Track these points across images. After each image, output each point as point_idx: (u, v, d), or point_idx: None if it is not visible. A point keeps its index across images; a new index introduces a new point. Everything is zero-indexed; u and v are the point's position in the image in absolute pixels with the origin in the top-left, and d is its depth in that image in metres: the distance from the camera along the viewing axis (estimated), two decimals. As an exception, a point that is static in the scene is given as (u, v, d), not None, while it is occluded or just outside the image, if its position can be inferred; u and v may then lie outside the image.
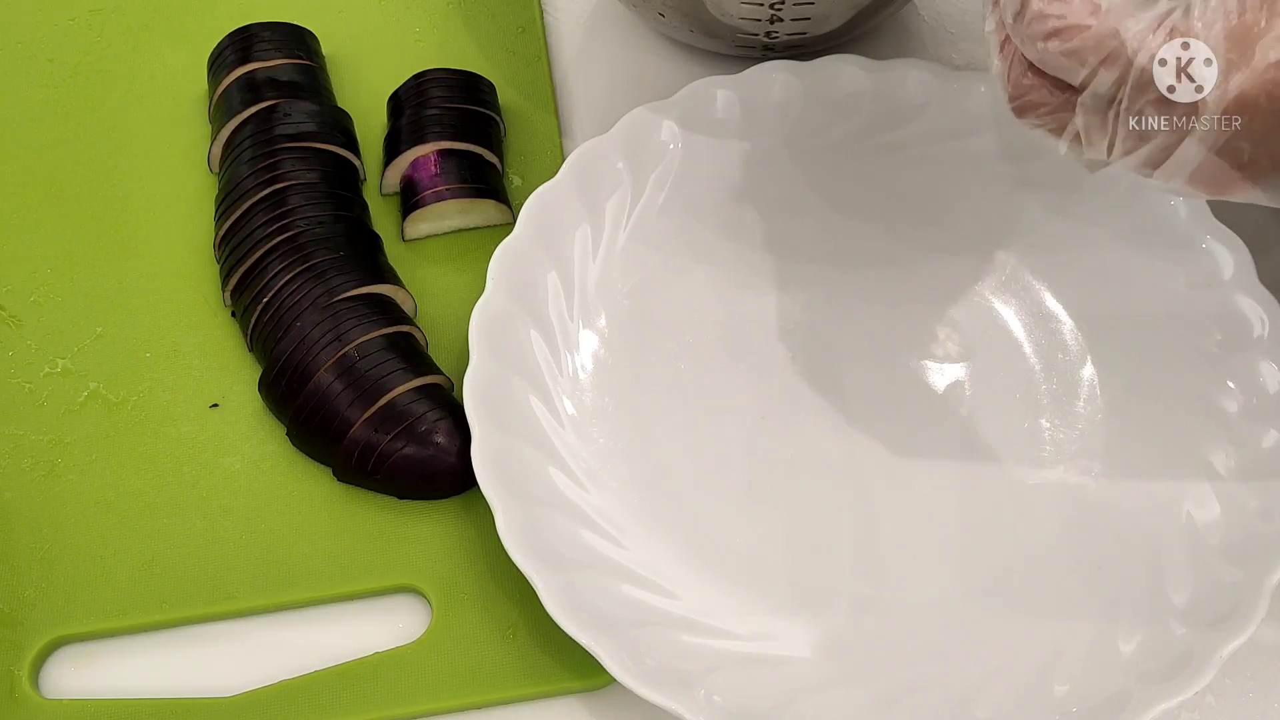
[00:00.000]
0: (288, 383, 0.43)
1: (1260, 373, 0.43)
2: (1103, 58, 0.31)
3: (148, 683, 0.41)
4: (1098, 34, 0.31)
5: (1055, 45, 0.31)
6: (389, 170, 0.49)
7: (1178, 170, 0.32)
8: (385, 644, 0.41)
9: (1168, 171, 0.32)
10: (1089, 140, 0.32)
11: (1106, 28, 0.31)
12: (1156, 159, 0.32)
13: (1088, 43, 0.31)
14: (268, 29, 0.51)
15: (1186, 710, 0.40)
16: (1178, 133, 0.31)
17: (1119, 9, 0.31)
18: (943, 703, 0.39)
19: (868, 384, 0.46)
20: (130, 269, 0.49)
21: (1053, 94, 0.32)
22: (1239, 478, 0.42)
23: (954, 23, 0.55)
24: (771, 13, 0.46)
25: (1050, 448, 0.44)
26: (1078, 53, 0.31)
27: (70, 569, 0.42)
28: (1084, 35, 0.31)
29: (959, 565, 0.42)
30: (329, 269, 0.45)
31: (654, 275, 0.48)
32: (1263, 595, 0.38)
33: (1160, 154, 0.31)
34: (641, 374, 0.46)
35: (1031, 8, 0.32)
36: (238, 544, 0.43)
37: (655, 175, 0.48)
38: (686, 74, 0.52)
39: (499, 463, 0.41)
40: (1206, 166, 0.31)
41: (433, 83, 0.50)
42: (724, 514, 0.43)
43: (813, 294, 0.48)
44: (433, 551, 0.42)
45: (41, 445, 0.45)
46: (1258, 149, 0.31)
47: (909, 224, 0.49)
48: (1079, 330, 0.46)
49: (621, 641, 0.38)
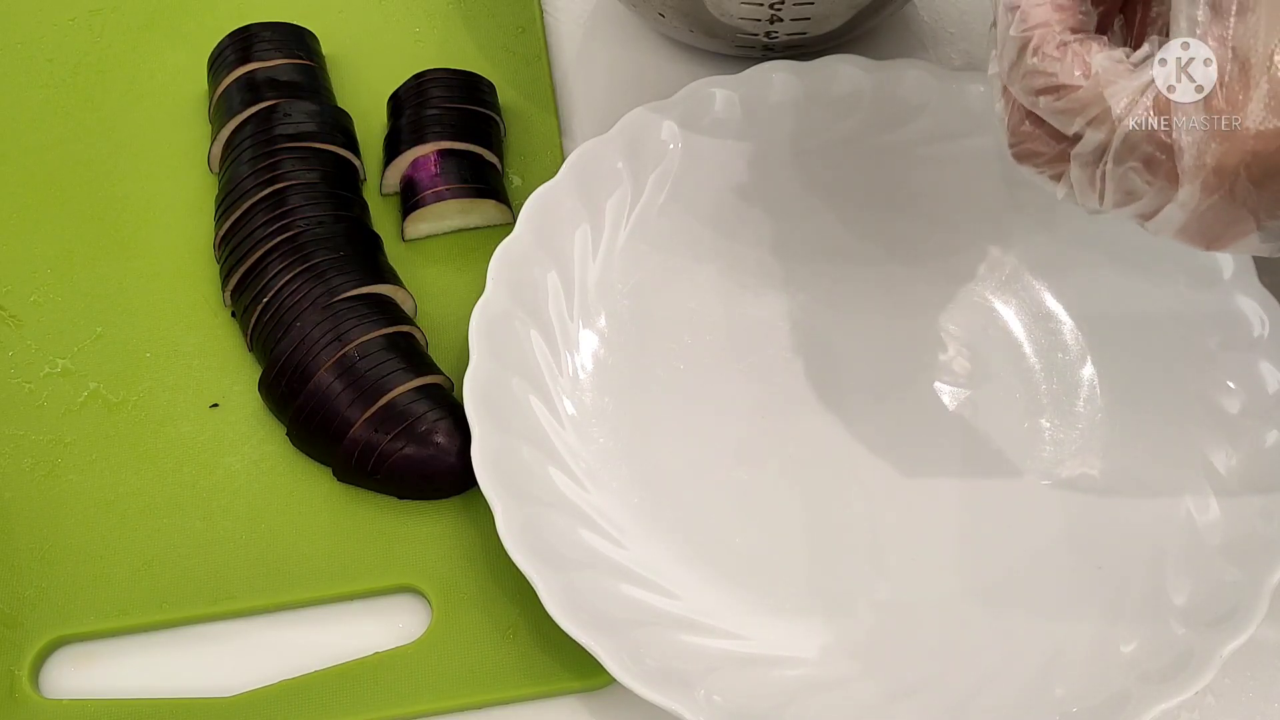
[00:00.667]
0: (288, 383, 0.43)
1: (1260, 373, 0.43)
2: (1089, 119, 0.31)
3: (148, 683, 0.41)
4: (1085, 96, 0.31)
5: (1045, 102, 0.32)
6: (389, 170, 0.49)
7: (1165, 227, 0.32)
8: (385, 644, 0.41)
9: (1157, 227, 0.32)
10: (1080, 192, 0.33)
11: (1093, 92, 0.31)
12: (1146, 214, 0.32)
13: (1075, 104, 0.31)
14: (268, 29, 0.51)
15: (1186, 710, 0.40)
16: (1161, 197, 0.31)
17: (1108, 72, 0.31)
18: (943, 702, 0.39)
19: (867, 383, 0.46)
20: (130, 269, 0.49)
21: (1048, 144, 0.33)
22: (1239, 478, 0.42)
23: (954, 23, 0.55)
24: (771, 13, 0.46)
25: (1050, 448, 0.44)
26: (1067, 111, 0.32)
27: (70, 569, 0.42)
28: (1072, 96, 0.31)
29: (959, 565, 0.42)
30: (329, 269, 0.45)
31: (654, 275, 0.48)
32: (1263, 595, 0.38)
33: (1149, 210, 0.32)
34: (641, 374, 0.46)
35: (1025, 63, 0.32)
36: (237, 544, 0.43)
37: (655, 175, 0.48)
38: (686, 74, 0.52)
39: (499, 463, 0.41)
40: (1192, 225, 0.32)
41: (433, 83, 0.50)
42: (724, 514, 0.43)
43: (813, 294, 0.48)
44: (433, 551, 0.42)
45: (41, 445, 0.45)
46: (1240, 209, 0.31)
47: (909, 224, 0.49)
48: (1079, 330, 0.46)
49: (621, 641, 0.38)
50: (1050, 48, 0.32)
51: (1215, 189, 0.30)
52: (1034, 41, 0.32)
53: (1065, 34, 0.32)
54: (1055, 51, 0.32)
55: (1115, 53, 0.32)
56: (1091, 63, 0.31)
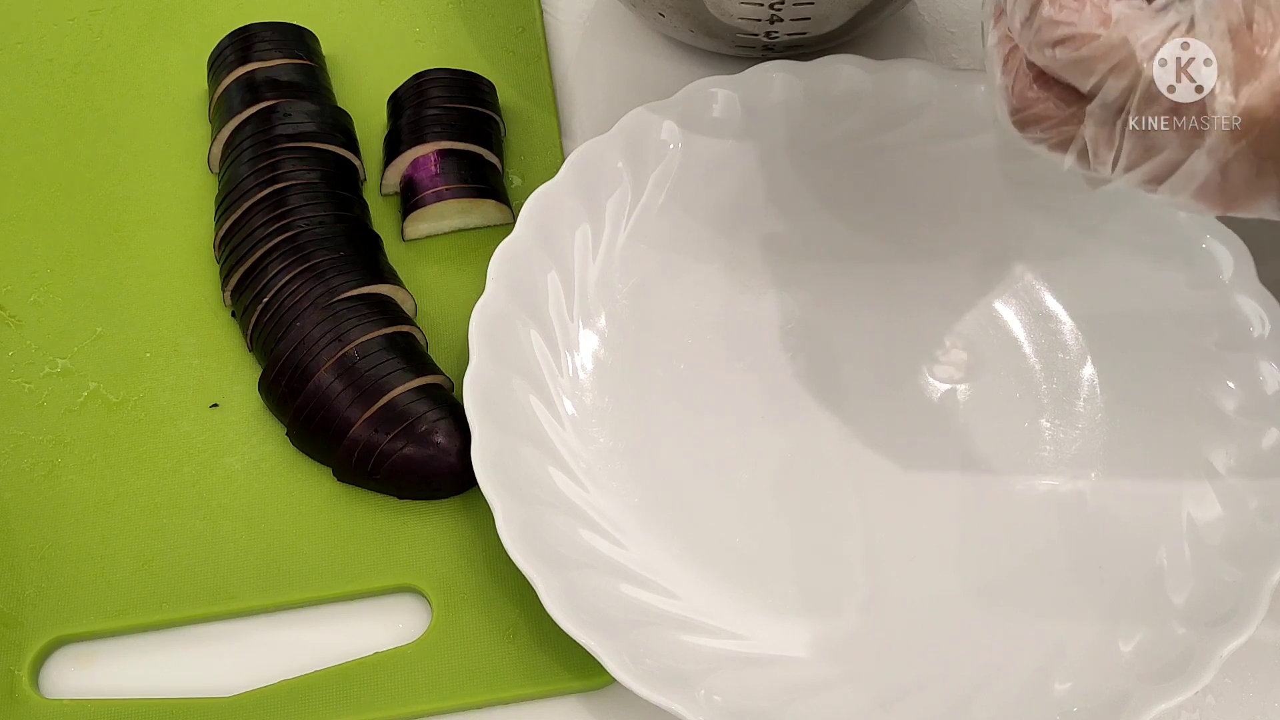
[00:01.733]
0: (288, 383, 0.43)
1: (1260, 373, 0.43)
2: (1111, 66, 0.31)
3: (148, 683, 0.41)
4: (1107, 43, 0.30)
5: (1063, 53, 0.31)
6: (389, 170, 0.49)
7: (1184, 185, 0.31)
8: (385, 644, 0.41)
9: (1174, 186, 0.31)
10: (1095, 152, 0.32)
11: (1116, 37, 0.30)
12: (1162, 173, 0.31)
13: (1096, 51, 0.31)
14: (268, 29, 0.51)
15: (1186, 710, 0.40)
16: (1186, 146, 0.30)
17: (1129, 19, 0.30)
18: (943, 703, 0.39)
19: (867, 383, 0.46)
20: (130, 269, 0.49)
21: (1059, 106, 0.32)
22: (1239, 477, 0.42)
23: (954, 23, 0.55)
24: (771, 13, 0.46)
25: (1050, 448, 0.44)
26: (1086, 61, 0.31)
27: (70, 569, 0.42)
28: (1093, 44, 0.31)
29: (959, 565, 0.42)
30: (329, 269, 0.45)
31: (654, 275, 0.48)
32: (1263, 595, 0.38)
33: (1167, 168, 0.31)
34: (641, 374, 0.46)
35: (1041, 14, 0.31)
36: (238, 544, 0.43)
37: (655, 175, 0.48)
38: (686, 74, 0.52)
39: (499, 463, 0.41)
40: (1213, 181, 0.31)
41: (433, 83, 0.50)
42: (724, 514, 0.43)
43: (813, 294, 0.48)
44: (433, 551, 0.42)
45: (41, 445, 0.45)
46: (1265, 162, 0.30)
47: (909, 224, 0.49)
48: (1079, 330, 0.46)
49: (621, 641, 0.38)
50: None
51: (1244, 133, 0.30)
52: None
53: None
54: (1073, 2, 0.31)
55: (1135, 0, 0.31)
56: (1110, 11, 0.30)
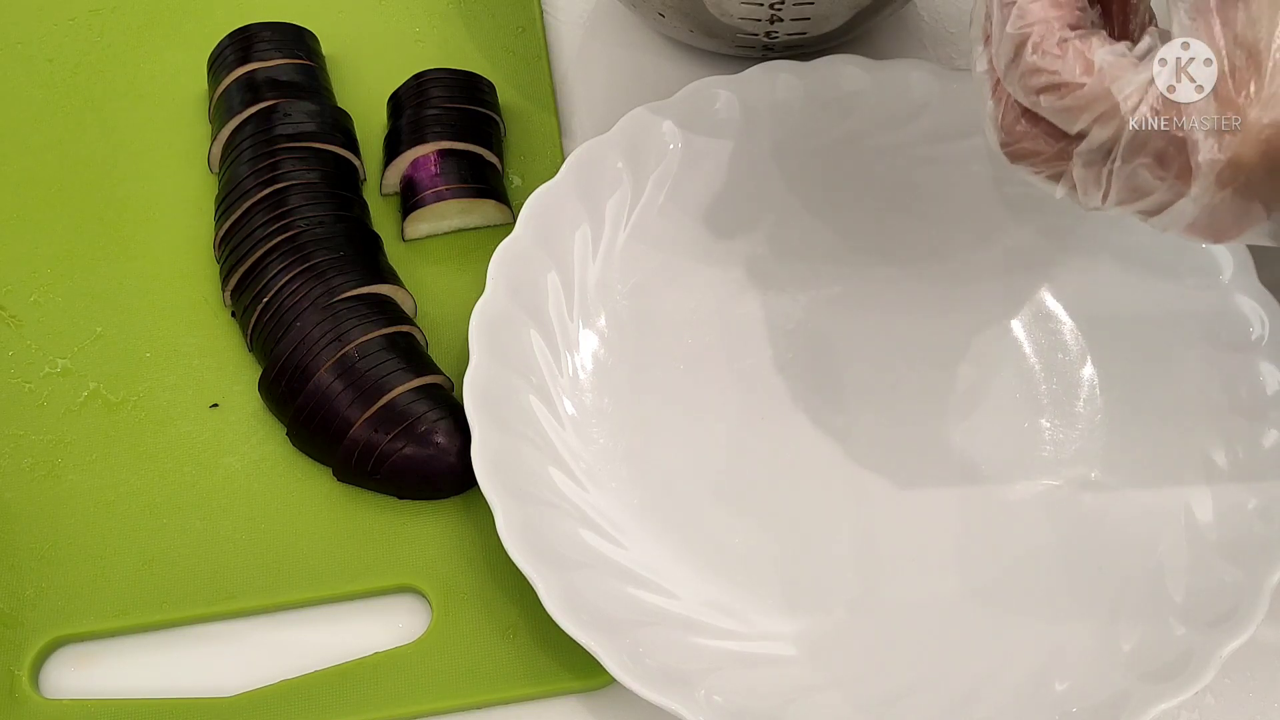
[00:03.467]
0: (288, 383, 0.43)
1: (1260, 373, 0.43)
2: (1096, 116, 0.30)
3: (148, 683, 0.41)
4: (1091, 94, 0.30)
5: (1047, 100, 0.31)
6: (389, 170, 0.49)
7: (1173, 222, 0.31)
8: (385, 644, 0.41)
9: (1163, 223, 0.31)
10: (1084, 191, 0.32)
11: (1099, 88, 0.30)
12: (1151, 211, 0.31)
13: (1080, 101, 0.30)
14: (268, 29, 0.51)
15: (1186, 710, 0.40)
16: (1173, 191, 0.30)
17: (1112, 67, 0.30)
18: (943, 702, 0.39)
19: (867, 384, 0.46)
20: (130, 269, 0.49)
21: (1048, 142, 0.32)
22: (1239, 477, 0.42)
23: (954, 23, 0.55)
24: (771, 13, 0.46)
25: (1050, 448, 0.44)
26: (1071, 109, 0.31)
27: (70, 569, 0.42)
28: (1077, 94, 0.30)
29: (958, 565, 0.42)
30: (329, 269, 0.45)
31: (654, 275, 0.48)
32: (1263, 595, 0.38)
33: (1155, 207, 0.31)
34: (641, 374, 0.46)
35: (1025, 60, 0.31)
36: (238, 544, 0.43)
37: (655, 175, 0.48)
38: (686, 74, 0.52)
39: (499, 463, 0.41)
40: (1202, 220, 0.31)
41: (433, 83, 0.50)
42: (723, 514, 0.43)
43: (812, 294, 0.48)
44: (433, 551, 0.42)
45: (41, 445, 0.45)
46: (1252, 202, 0.30)
47: (909, 224, 0.49)
48: (1079, 330, 0.46)
49: (621, 641, 0.38)
50: (1050, 44, 0.31)
51: (1230, 182, 0.30)
52: (1033, 38, 0.31)
53: (1064, 30, 0.31)
54: (1056, 49, 0.31)
55: (1118, 47, 0.31)
56: (1094, 59, 0.30)
